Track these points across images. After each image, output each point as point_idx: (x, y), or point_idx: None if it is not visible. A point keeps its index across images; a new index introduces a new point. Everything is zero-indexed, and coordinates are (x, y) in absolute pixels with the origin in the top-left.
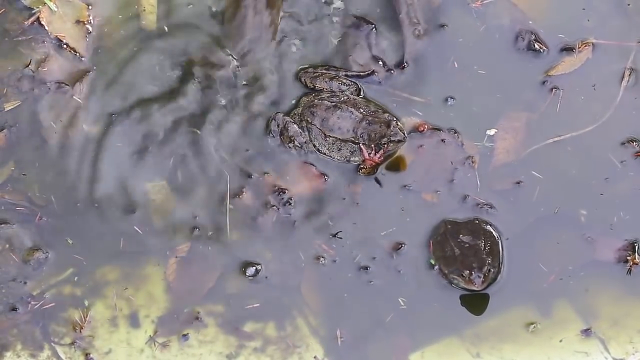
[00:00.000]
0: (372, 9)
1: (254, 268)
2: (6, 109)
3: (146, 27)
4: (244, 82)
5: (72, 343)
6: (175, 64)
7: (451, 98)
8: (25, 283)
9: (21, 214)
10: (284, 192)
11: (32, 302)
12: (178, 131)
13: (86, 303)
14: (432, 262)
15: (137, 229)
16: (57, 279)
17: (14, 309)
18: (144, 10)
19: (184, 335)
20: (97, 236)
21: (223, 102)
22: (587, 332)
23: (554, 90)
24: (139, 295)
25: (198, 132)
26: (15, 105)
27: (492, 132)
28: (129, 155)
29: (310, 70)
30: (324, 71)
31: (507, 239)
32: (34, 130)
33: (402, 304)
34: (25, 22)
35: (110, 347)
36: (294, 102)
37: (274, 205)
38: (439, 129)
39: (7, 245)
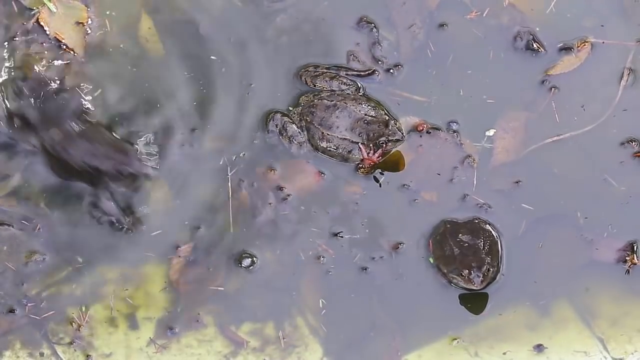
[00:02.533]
0: (372, 9)
1: (250, 259)
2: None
3: (154, 55)
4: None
5: (71, 343)
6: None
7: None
8: (22, 284)
9: (19, 215)
10: (282, 190)
11: (30, 303)
12: (179, 133)
13: (85, 303)
14: (432, 260)
15: (140, 228)
16: (56, 278)
17: (12, 311)
18: (147, 41)
19: (171, 329)
20: (99, 237)
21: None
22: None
23: (553, 89)
24: (138, 295)
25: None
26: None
27: (491, 132)
28: None
29: (311, 69)
30: (325, 70)
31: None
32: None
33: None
34: (25, 23)
35: (110, 346)
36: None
37: (271, 203)
38: (438, 129)
39: (5, 247)
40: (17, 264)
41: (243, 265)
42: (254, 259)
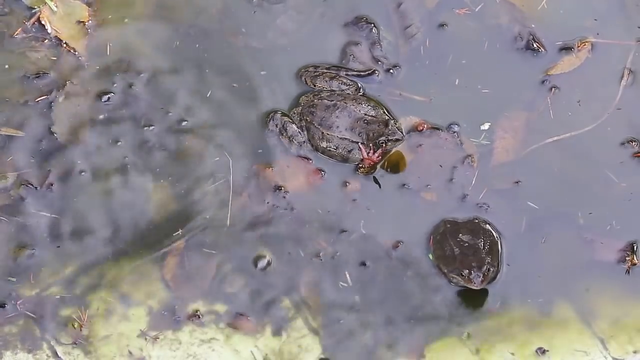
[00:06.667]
0: (372, 8)
1: (265, 260)
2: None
3: None
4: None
5: (72, 342)
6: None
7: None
8: (20, 282)
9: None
10: (281, 189)
11: (29, 302)
12: (177, 131)
13: (85, 302)
14: (431, 257)
15: (139, 226)
16: (56, 277)
17: (2, 306)
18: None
19: (166, 324)
20: (98, 235)
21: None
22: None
23: (553, 89)
24: (137, 293)
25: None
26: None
27: (486, 126)
28: (130, 156)
29: (311, 69)
30: (325, 70)
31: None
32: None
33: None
34: (26, 22)
35: (110, 345)
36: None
37: (270, 202)
38: (438, 128)
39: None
40: (11, 260)
41: (259, 267)
42: (268, 259)
